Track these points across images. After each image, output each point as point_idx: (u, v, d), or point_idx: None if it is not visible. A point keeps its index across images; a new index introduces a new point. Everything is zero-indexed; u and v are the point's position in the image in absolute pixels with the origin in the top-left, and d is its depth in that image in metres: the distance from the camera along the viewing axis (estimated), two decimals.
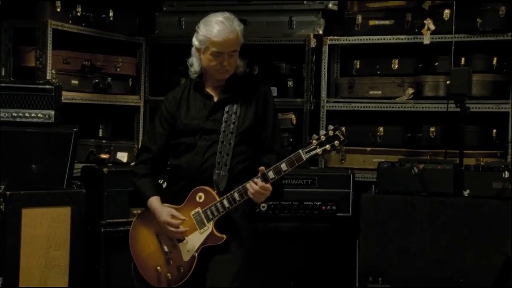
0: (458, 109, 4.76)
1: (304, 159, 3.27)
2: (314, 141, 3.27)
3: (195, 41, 3.47)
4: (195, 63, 3.51)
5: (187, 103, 3.54)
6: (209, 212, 3.38)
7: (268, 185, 3.35)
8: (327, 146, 3.25)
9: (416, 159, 4.67)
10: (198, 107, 3.53)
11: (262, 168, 3.35)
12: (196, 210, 3.41)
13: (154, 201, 3.51)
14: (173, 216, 3.44)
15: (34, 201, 4.16)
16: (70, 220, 4.24)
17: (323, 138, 3.27)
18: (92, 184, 4.69)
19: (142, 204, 3.57)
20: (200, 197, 3.42)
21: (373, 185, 4.69)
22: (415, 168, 4.45)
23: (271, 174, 3.33)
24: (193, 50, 3.50)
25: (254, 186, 3.35)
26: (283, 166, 3.30)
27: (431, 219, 4.44)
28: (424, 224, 4.47)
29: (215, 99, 3.52)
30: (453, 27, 5.12)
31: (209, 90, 3.54)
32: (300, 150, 3.27)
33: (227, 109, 3.47)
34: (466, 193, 4.43)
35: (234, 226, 3.42)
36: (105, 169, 4.68)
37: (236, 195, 3.35)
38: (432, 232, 4.45)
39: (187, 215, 3.45)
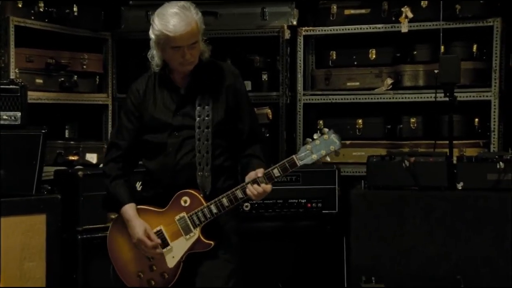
0: (436, 99, 4.62)
1: (299, 165, 3.11)
2: (308, 146, 3.10)
3: (152, 35, 3.19)
4: (155, 56, 3.23)
5: (154, 96, 3.28)
6: (195, 218, 3.18)
7: (269, 186, 3.15)
8: (322, 151, 3.10)
9: (406, 152, 4.48)
10: (165, 100, 3.27)
11: (250, 174, 3.17)
12: (181, 215, 3.20)
13: (129, 210, 3.26)
14: (149, 236, 3.22)
15: (6, 209, 3.88)
16: (45, 229, 3.99)
17: (317, 143, 3.10)
18: (67, 189, 4.46)
19: (116, 209, 3.33)
20: (185, 201, 3.22)
21: (362, 180, 4.53)
22: (406, 161, 4.30)
23: (261, 180, 3.14)
24: (151, 43, 3.22)
25: (257, 187, 3.16)
26: (275, 172, 3.13)
27: (425, 214, 4.30)
28: (417, 220, 4.33)
29: (182, 91, 3.27)
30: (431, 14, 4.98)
31: (175, 82, 3.28)
32: (294, 156, 3.10)
33: (199, 102, 3.24)
34: (460, 186, 4.29)
35: (220, 229, 3.26)
36: (80, 173, 4.47)
37: (224, 200, 3.16)
38: (426, 228, 4.30)
39: (171, 219, 3.23)
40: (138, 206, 3.27)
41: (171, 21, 3.09)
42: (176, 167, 3.20)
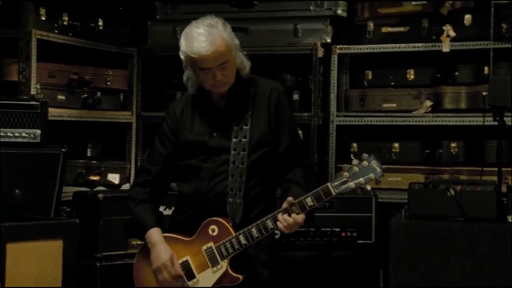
0: (479, 123, 4.43)
1: (334, 194, 2.85)
2: (345, 173, 2.84)
3: (181, 56, 2.99)
4: (190, 78, 3.04)
5: (191, 118, 3.08)
6: (223, 249, 2.96)
7: (300, 216, 2.89)
8: (361, 179, 2.83)
9: (451, 179, 4.17)
10: (202, 122, 3.07)
11: (289, 199, 2.90)
12: (209, 245, 2.98)
13: (154, 234, 3.05)
14: (173, 264, 3.00)
15: (21, 234, 3.66)
16: (62, 255, 3.75)
17: (355, 169, 2.84)
18: (85, 212, 4.29)
19: (140, 234, 3.10)
20: (213, 230, 2.99)
21: (403, 209, 4.22)
22: (451, 189, 4.01)
23: (294, 209, 2.89)
24: (184, 64, 3.03)
25: (287, 217, 2.90)
26: (309, 201, 2.87)
27: (471, 247, 4.00)
28: (463, 253, 4.01)
29: (220, 111, 3.06)
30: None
31: (213, 102, 3.07)
32: (329, 184, 2.85)
33: (236, 121, 3.01)
34: (510, 218, 3.97)
35: (250, 262, 3.00)
36: (100, 195, 4.29)
37: (254, 231, 2.92)
38: (472, 262, 3.99)
39: (199, 249, 3.01)
40: (164, 234, 3.06)
41: (194, 42, 2.89)
42: (209, 193, 2.99)
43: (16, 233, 3.63)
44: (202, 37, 2.88)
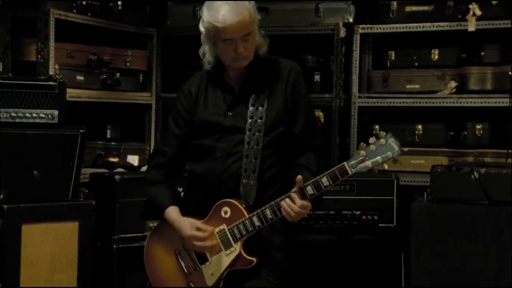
0: (506, 104, 4.32)
1: (350, 173, 2.80)
2: (362, 151, 2.78)
3: (201, 28, 2.93)
4: (207, 53, 2.99)
5: (205, 97, 3.02)
6: (236, 231, 2.91)
7: (308, 203, 2.84)
8: (378, 157, 2.77)
9: (475, 162, 4.05)
10: (217, 101, 3.00)
11: (299, 178, 2.81)
12: (221, 227, 2.93)
13: (173, 212, 3.01)
14: (198, 229, 2.93)
15: (36, 215, 3.64)
16: (77, 237, 3.73)
17: (372, 148, 2.77)
18: (102, 194, 4.22)
19: (157, 215, 3.06)
20: (225, 212, 2.94)
21: (425, 192, 4.11)
22: (475, 172, 3.89)
23: (309, 190, 2.81)
24: (202, 37, 2.97)
25: (291, 205, 2.83)
26: (324, 181, 2.80)
27: (496, 232, 3.86)
28: (487, 239, 3.88)
29: (236, 90, 2.99)
30: None
31: (229, 80, 3.01)
32: (345, 163, 2.78)
33: (252, 102, 2.94)
34: None
35: (264, 245, 2.95)
36: (117, 177, 4.22)
37: (268, 212, 2.86)
38: (497, 248, 3.86)
39: (211, 232, 2.95)
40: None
41: (220, 11, 2.82)
42: (223, 174, 2.92)
43: (31, 214, 3.61)
44: (227, 6, 2.82)
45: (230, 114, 2.96)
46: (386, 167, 2.80)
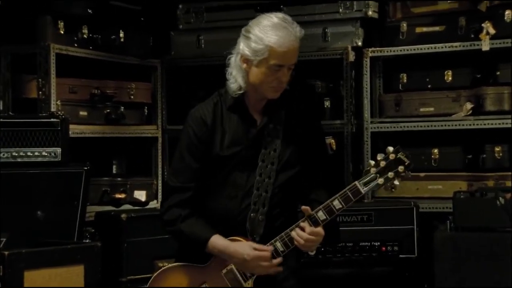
0: None
1: (363, 192, 2.66)
2: (372, 169, 2.65)
3: (245, 50, 2.70)
4: (238, 77, 2.75)
5: (222, 127, 2.78)
6: None
7: (319, 229, 2.67)
8: (390, 173, 2.64)
9: (500, 187, 3.90)
10: (239, 135, 2.79)
11: (306, 208, 2.66)
12: (229, 267, 2.74)
13: (220, 239, 2.73)
14: (256, 249, 2.70)
15: (39, 261, 3.42)
16: (83, 281, 3.51)
17: (382, 164, 2.65)
18: (108, 234, 4.11)
19: (199, 250, 2.75)
20: None
21: (448, 221, 3.95)
22: (500, 198, 3.71)
23: (321, 215, 2.66)
24: (237, 60, 2.74)
25: (301, 233, 2.66)
26: (336, 204, 2.66)
27: None
28: None
29: (258, 123, 2.80)
30: None
31: (251, 111, 2.81)
32: (356, 182, 2.66)
33: (267, 133, 2.77)
34: None
35: (278, 286, 2.77)
36: (123, 215, 4.10)
37: (278, 245, 2.69)
38: None
39: (217, 274, 2.75)
40: (173, 264, 2.81)
41: (277, 32, 2.65)
42: (240, 213, 2.74)
43: (34, 260, 3.41)
44: (285, 30, 2.66)
45: (252, 147, 2.77)
46: (397, 183, 2.65)
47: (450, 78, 4.79)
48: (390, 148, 2.66)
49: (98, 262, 3.57)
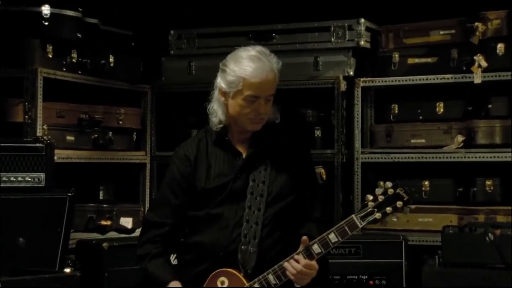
0: None
1: (360, 226, 2.63)
2: (370, 203, 2.62)
3: (221, 83, 2.74)
4: (218, 111, 2.78)
5: (207, 162, 2.79)
6: None
7: (313, 262, 2.63)
8: (388, 208, 2.61)
9: (489, 222, 3.87)
10: (224, 167, 2.79)
11: (305, 238, 2.63)
12: None
13: (177, 285, 2.78)
14: None
15: None
16: None
17: (381, 198, 2.62)
18: (90, 262, 3.98)
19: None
20: (222, 283, 2.72)
21: (436, 256, 3.90)
22: (490, 234, 3.66)
23: (316, 248, 2.62)
24: (216, 94, 2.78)
25: (295, 264, 2.61)
26: (332, 237, 2.63)
27: None
28: None
29: (244, 155, 2.79)
30: None
31: (234, 144, 2.81)
32: (353, 215, 2.63)
33: (256, 165, 2.76)
34: None
35: None
36: (104, 244, 3.96)
37: (271, 278, 2.65)
38: None
39: None
40: None
41: (251, 64, 2.66)
42: (230, 245, 2.71)
43: None
44: (260, 61, 2.67)
45: (239, 179, 2.75)
46: (395, 219, 2.67)
47: (441, 110, 4.76)
48: (389, 183, 2.63)
49: None
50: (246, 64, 2.67)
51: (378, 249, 4.12)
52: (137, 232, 4.65)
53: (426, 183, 4.68)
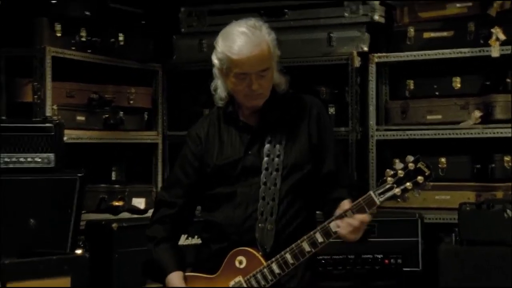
0: None
1: (378, 203, 2.51)
2: (389, 178, 2.50)
3: (214, 60, 2.68)
4: (220, 87, 2.71)
5: (219, 140, 2.73)
6: (254, 282, 2.60)
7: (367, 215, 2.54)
8: (408, 184, 2.48)
9: (507, 198, 3.78)
10: (233, 143, 2.72)
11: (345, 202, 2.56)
12: (237, 279, 2.63)
13: (175, 280, 2.72)
14: None
15: (23, 272, 3.21)
16: None
17: (401, 173, 2.49)
18: (99, 243, 3.93)
19: (161, 278, 2.78)
20: (240, 262, 2.63)
21: (453, 233, 3.82)
22: (508, 210, 3.61)
23: (334, 226, 2.53)
24: (214, 71, 2.71)
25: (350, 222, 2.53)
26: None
27: None
28: None
29: (254, 128, 2.72)
30: None
31: (244, 119, 2.73)
32: (371, 192, 2.51)
33: (269, 139, 2.68)
34: None
35: None
36: (114, 225, 3.88)
37: (288, 257, 2.56)
38: None
39: (225, 286, 2.65)
40: (186, 274, 2.72)
41: (236, 41, 2.57)
42: (245, 223, 2.65)
43: (17, 271, 3.20)
44: (244, 36, 2.57)
45: (250, 153, 2.69)
46: (417, 195, 2.52)
47: (458, 85, 4.69)
48: (410, 157, 2.51)
49: (85, 274, 3.39)
50: (231, 41, 2.58)
51: (394, 228, 4.06)
52: (150, 213, 4.57)
53: (443, 160, 4.60)
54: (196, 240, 3.67)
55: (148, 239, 2.79)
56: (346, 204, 2.54)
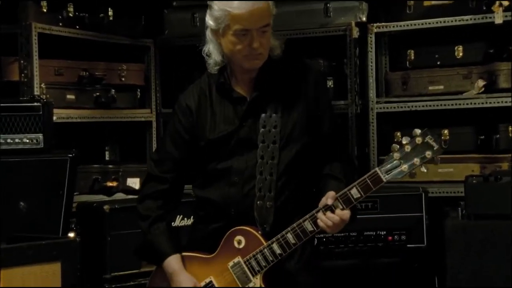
0: None
1: (385, 180, 2.43)
2: (395, 154, 2.42)
3: (209, 21, 2.57)
4: (213, 52, 2.60)
5: (211, 112, 2.61)
6: (254, 263, 2.53)
7: (347, 210, 2.46)
8: (415, 159, 2.41)
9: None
10: (227, 114, 2.60)
11: (332, 193, 2.46)
12: (236, 260, 2.56)
13: (173, 263, 2.64)
14: None
15: (10, 258, 3.09)
16: (60, 280, 3.20)
17: (408, 148, 2.42)
18: (90, 227, 3.84)
19: (155, 261, 2.69)
20: (239, 242, 2.56)
21: (459, 208, 3.73)
22: None
23: (338, 205, 2.45)
24: (208, 34, 2.60)
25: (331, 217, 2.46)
26: (354, 193, 2.44)
27: None
28: None
29: (248, 98, 2.60)
30: None
31: (238, 89, 2.61)
32: (377, 169, 2.44)
33: (265, 109, 2.57)
34: None
35: (290, 280, 2.59)
36: (105, 207, 3.79)
37: (289, 236, 2.49)
38: None
39: (224, 267, 2.57)
40: (183, 253, 2.65)
41: None
42: (242, 201, 2.56)
43: (4, 257, 3.08)
44: None
45: (245, 125, 2.58)
46: (424, 170, 2.43)
47: (460, 54, 4.60)
48: (417, 131, 2.43)
49: (76, 259, 3.28)
50: None
51: (397, 203, 3.96)
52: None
53: (446, 131, 4.54)
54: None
55: (140, 217, 2.69)
56: (331, 196, 2.45)
